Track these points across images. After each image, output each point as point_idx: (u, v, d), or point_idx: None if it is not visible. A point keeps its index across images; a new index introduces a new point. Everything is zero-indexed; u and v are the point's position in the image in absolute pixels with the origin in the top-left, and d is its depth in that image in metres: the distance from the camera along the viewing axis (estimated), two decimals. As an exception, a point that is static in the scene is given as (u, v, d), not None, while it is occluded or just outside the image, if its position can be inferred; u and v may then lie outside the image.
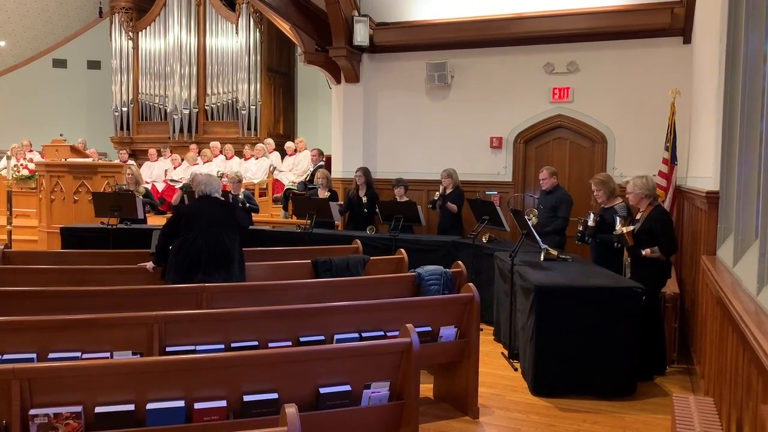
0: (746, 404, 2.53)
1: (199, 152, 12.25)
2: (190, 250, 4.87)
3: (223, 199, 5.46)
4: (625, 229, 4.98)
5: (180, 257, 4.88)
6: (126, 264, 5.40)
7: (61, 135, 10.57)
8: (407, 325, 3.32)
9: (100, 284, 4.58)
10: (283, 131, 13.86)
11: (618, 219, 5.16)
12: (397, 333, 3.53)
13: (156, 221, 9.67)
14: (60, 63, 15.08)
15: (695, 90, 6.59)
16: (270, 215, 10.54)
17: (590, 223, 5.43)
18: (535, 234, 5.48)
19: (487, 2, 8.38)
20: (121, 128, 14.24)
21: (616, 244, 5.23)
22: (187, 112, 13.66)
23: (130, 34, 14.15)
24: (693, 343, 5.27)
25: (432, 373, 4.68)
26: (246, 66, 13.11)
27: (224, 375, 2.88)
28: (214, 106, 13.60)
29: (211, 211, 5.03)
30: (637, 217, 5.18)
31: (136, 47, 14.18)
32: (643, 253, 4.94)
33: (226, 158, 11.99)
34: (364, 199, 8.07)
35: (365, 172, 8.30)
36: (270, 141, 12.02)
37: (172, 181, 11.85)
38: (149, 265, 5.07)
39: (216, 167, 11.56)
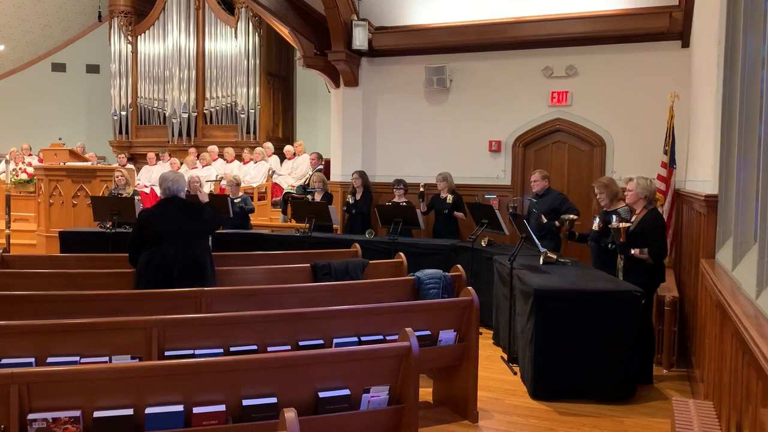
0: (746, 408, 2.53)
1: (198, 156, 12.25)
2: (161, 264, 4.65)
3: (187, 200, 5.13)
4: (621, 225, 5.02)
5: (151, 270, 4.66)
6: (125, 268, 5.39)
7: (60, 139, 10.61)
8: (406, 329, 3.31)
9: (98, 288, 4.56)
10: (282, 135, 13.88)
11: (614, 216, 5.20)
12: (396, 337, 3.53)
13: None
14: (59, 67, 15.10)
15: (694, 94, 6.60)
16: (269, 219, 10.55)
17: (594, 227, 5.44)
18: (534, 237, 5.48)
19: (486, 6, 8.40)
20: (120, 132, 14.25)
21: (610, 245, 5.24)
22: (186, 115, 13.67)
23: (129, 38, 14.17)
24: (692, 347, 5.27)
25: (431, 377, 4.68)
26: (245, 70, 13.13)
27: (223, 379, 2.88)
28: (213, 109, 13.61)
29: (176, 220, 4.75)
30: (632, 219, 5.20)
31: (135, 51, 14.20)
32: (632, 252, 4.99)
33: (227, 162, 11.99)
34: (351, 199, 8.17)
35: (362, 174, 8.35)
36: (269, 145, 12.03)
37: (171, 184, 11.83)
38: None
39: (215, 171, 11.57)
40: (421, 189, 7.89)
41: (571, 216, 5.95)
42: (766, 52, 3.21)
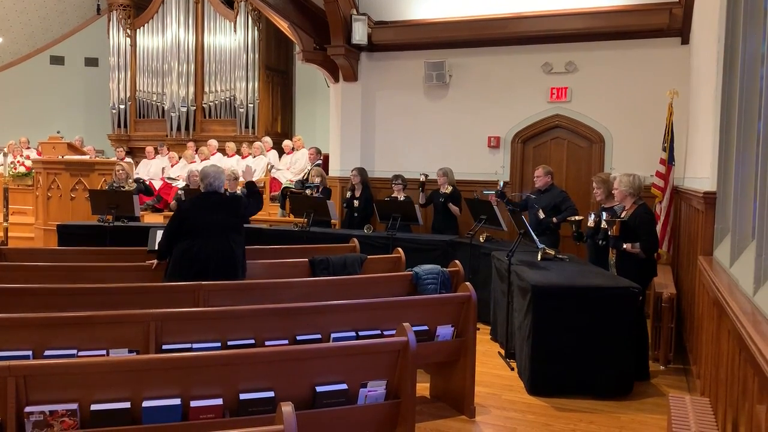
0: (742, 404, 2.54)
1: (196, 150, 12.23)
2: (197, 257, 4.69)
3: (226, 195, 5.19)
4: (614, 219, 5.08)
5: (186, 263, 4.70)
6: (123, 262, 5.38)
7: (58, 132, 10.56)
8: (404, 324, 3.31)
9: (96, 282, 4.57)
10: (280, 129, 13.84)
11: (604, 213, 5.24)
12: (393, 332, 3.53)
13: (152, 219, 9.66)
14: (57, 60, 15.03)
15: (693, 91, 6.60)
16: (267, 213, 10.52)
17: (590, 223, 5.46)
18: (533, 233, 5.48)
19: (486, 2, 8.38)
20: (119, 126, 14.20)
21: (601, 241, 5.26)
22: (184, 109, 13.63)
23: (128, 31, 14.11)
24: (689, 343, 5.29)
25: (428, 372, 4.69)
26: (244, 64, 13.08)
27: (221, 373, 2.88)
28: (211, 104, 13.57)
29: (216, 215, 4.82)
30: (622, 215, 5.24)
31: (133, 44, 14.14)
32: (624, 246, 5.04)
33: (229, 156, 11.97)
34: (355, 203, 8.14)
35: (360, 171, 8.34)
36: (267, 139, 12.00)
37: (169, 179, 11.83)
38: (153, 262, 5.02)
39: (213, 165, 11.52)
40: (422, 179, 7.85)
41: (575, 218, 5.89)
42: (765, 50, 3.21)
